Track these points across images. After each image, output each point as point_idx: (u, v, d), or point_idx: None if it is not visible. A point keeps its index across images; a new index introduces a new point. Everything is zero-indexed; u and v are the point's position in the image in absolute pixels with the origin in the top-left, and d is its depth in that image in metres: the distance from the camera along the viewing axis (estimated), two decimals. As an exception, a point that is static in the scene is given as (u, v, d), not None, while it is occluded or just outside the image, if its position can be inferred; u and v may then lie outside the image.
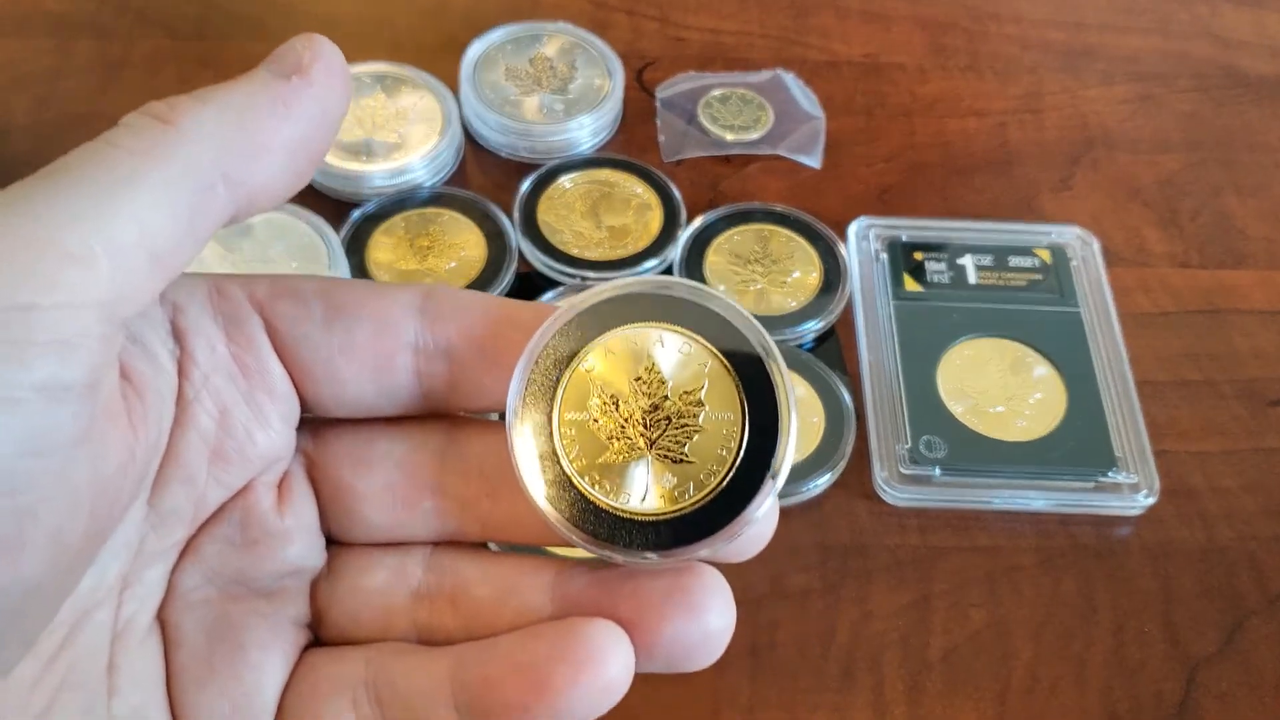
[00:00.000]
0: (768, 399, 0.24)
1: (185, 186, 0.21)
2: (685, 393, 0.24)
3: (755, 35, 0.61)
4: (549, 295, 0.47)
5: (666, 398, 0.24)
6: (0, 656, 0.20)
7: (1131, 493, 0.44)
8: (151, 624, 0.24)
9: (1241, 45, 0.62)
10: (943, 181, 0.55)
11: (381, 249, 0.49)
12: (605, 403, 0.24)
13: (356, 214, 0.50)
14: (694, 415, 0.24)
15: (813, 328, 0.48)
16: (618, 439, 0.24)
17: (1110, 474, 0.44)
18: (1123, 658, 0.40)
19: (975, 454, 0.44)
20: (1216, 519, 0.44)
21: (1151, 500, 0.43)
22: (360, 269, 0.48)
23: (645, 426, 0.24)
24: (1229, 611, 0.42)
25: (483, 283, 0.48)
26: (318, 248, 0.47)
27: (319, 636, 0.26)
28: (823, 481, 0.43)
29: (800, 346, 0.48)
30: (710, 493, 0.23)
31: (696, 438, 0.24)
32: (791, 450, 0.24)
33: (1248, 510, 0.44)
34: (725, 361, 0.24)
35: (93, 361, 0.20)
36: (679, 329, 0.24)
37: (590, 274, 0.49)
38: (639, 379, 0.24)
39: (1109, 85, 0.60)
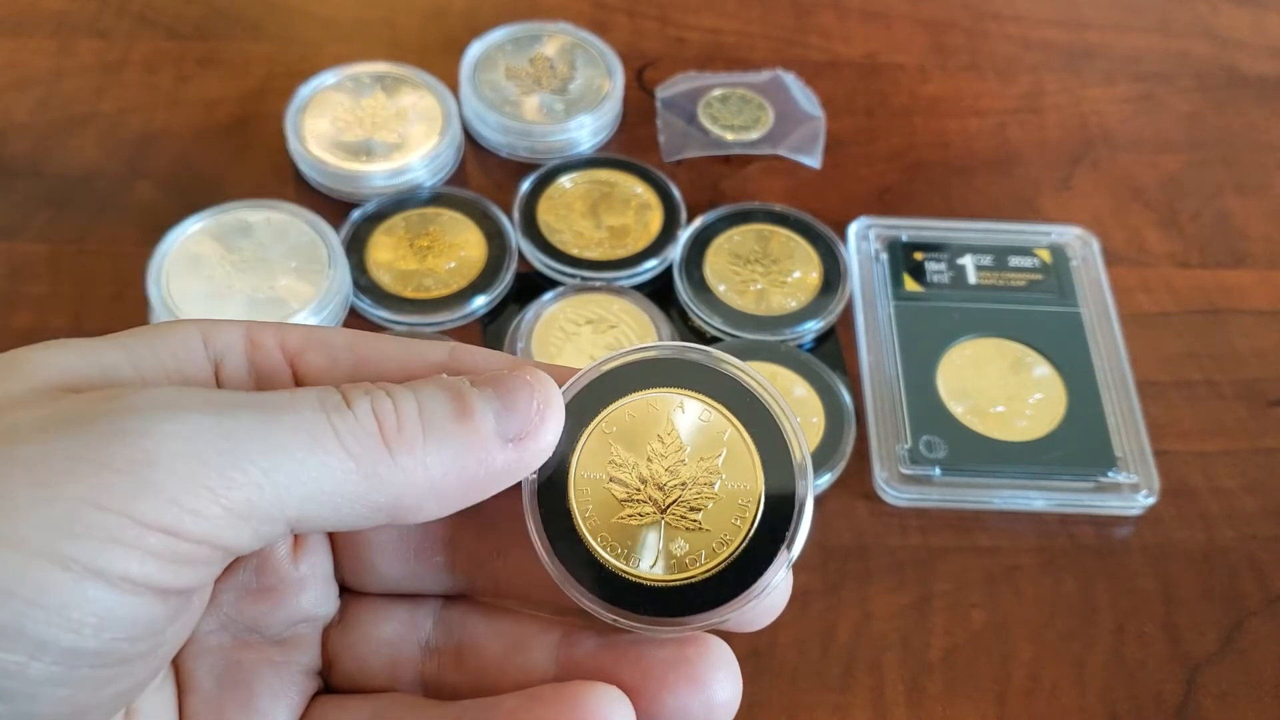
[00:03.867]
0: (785, 471, 0.24)
1: (361, 504, 0.21)
2: (702, 460, 0.24)
3: (755, 35, 0.61)
4: (548, 295, 0.47)
5: (684, 464, 0.24)
6: None
7: (1131, 493, 0.44)
8: (167, 671, 0.24)
9: (1242, 45, 0.62)
10: (943, 181, 0.55)
11: (381, 249, 0.49)
12: (622, 466, 0.24)
13: (356, 214, 0.50)
14: (710, 483, 0.24)
15: (813, 328, 0.48)
16: (632, 503, 0.24)
17: (1110, 474, 0.44)
18: (1123, 658, 0.40)
19: (975, 454, 0.44)
20: (1217, 519, 0.44)
21: (1151, 500, 0.43)
22: (360, 268, 0.48)
23: (660, 490, 0.24)
24: (1229, 612, 0.41)
25: (482, 283, 0.48)
26: (318, 248, 0.47)
27: (328, 683, 0.26)
28: (823, 482, 0.43)
29: (800, 346, 0.48)
30: (721, 562, 0.23)
31: (711, 506, 0.24)
32: (808, 524, 0.23)
33: (1248, 510, 0.44)
34: (744, 431, 0.24)
35: (202, 578, 0.21)
36: (700, 396, 0.24)
37: (590, 274, 0.49)
38: (657, 442, 0.24)
39: (1110, 85, 0.60)
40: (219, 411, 0.20)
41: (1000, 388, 0.46)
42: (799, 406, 0.45)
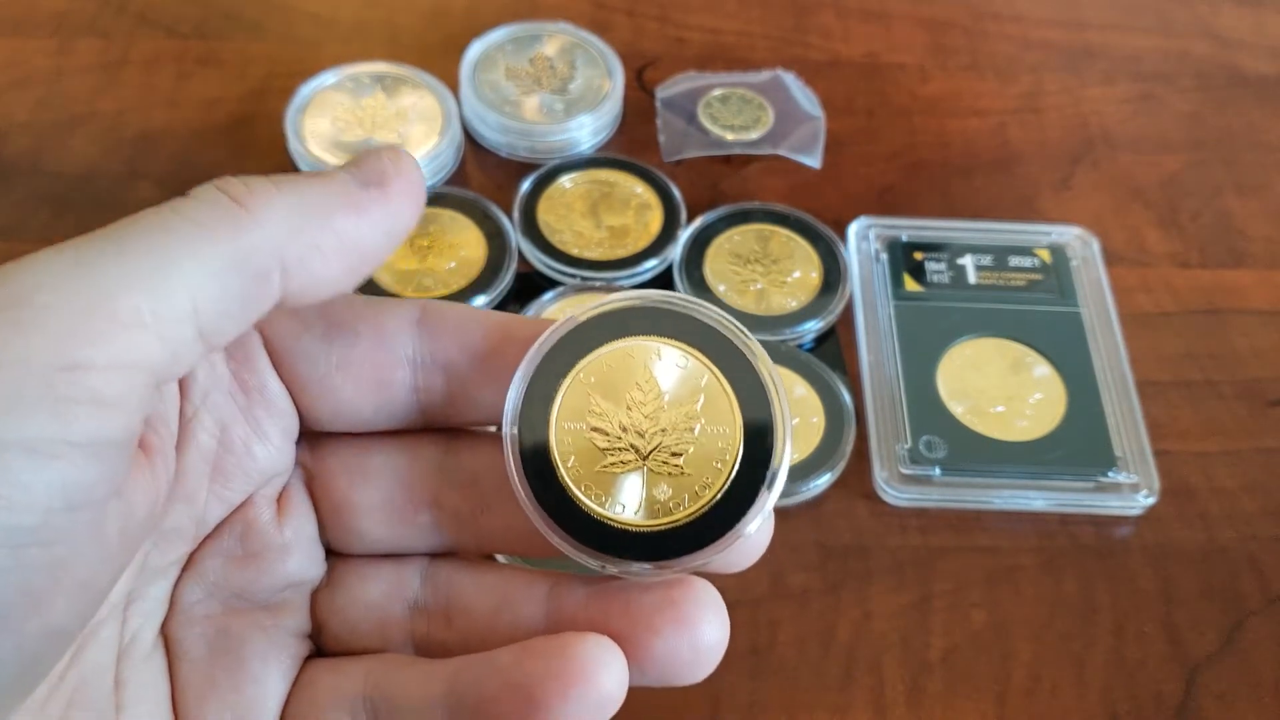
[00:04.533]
0: (763, 414, 0.24)
1: (243, 269, 0.21)
2: (681, 406, 0.24)
3: (755, 35, 0.61)
4: (548, 295, 0.47)
5: (663, 410, 0.24)
6: (17, 688, 0.20)
7: (1131, 493, 0.44)
8: (156, 639, 0.24)
9: (1242, 45, 0.62)
10: (943, 181, 0.55)
11: (381, 249, 0.49)
12: (602, 414, 0.24)
13: (356, 214, 0.50)
14: (690, 428, 0.24)
15: (813, 328, 0.48)
16: (613, 450, 0.24)
17: (1110, 474, 0.44)
18: (1123, 658, 0.40)
19: (975, 454, 0.44)
20: (1216, 519, 0.44)
21: (1151, 500, 0.43)
22: (360, 269, 0.48)
23: (641, 438, 0.24)
24: (1229, 612, 0.41)
25: (482, 283, 0.48)
26: (317, 247, 0.47)
27: (320, 647, 0.26)
28: (823, 481, 0.43)
29: (800, 346, 0.48)
30: (704, 505, 0.24)
31: (691, 450, 0.24)
32: (786, 464, 0.24)
33: (1248, 510, 0.44)
34: (722, 377, 0.24)
35: (131, 421, 0.20)
36: (677, 343, 0.25)
37: (590, 274, 0.49)
38: (636, 389, 0.24)
39: (1110, 85, 0.60)
40: (70, 246, 0.20)
41: (1000, 388, 0.46)
42: (799, 406, 0.45)
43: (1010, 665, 0.40)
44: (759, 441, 0.24)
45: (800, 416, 0.44)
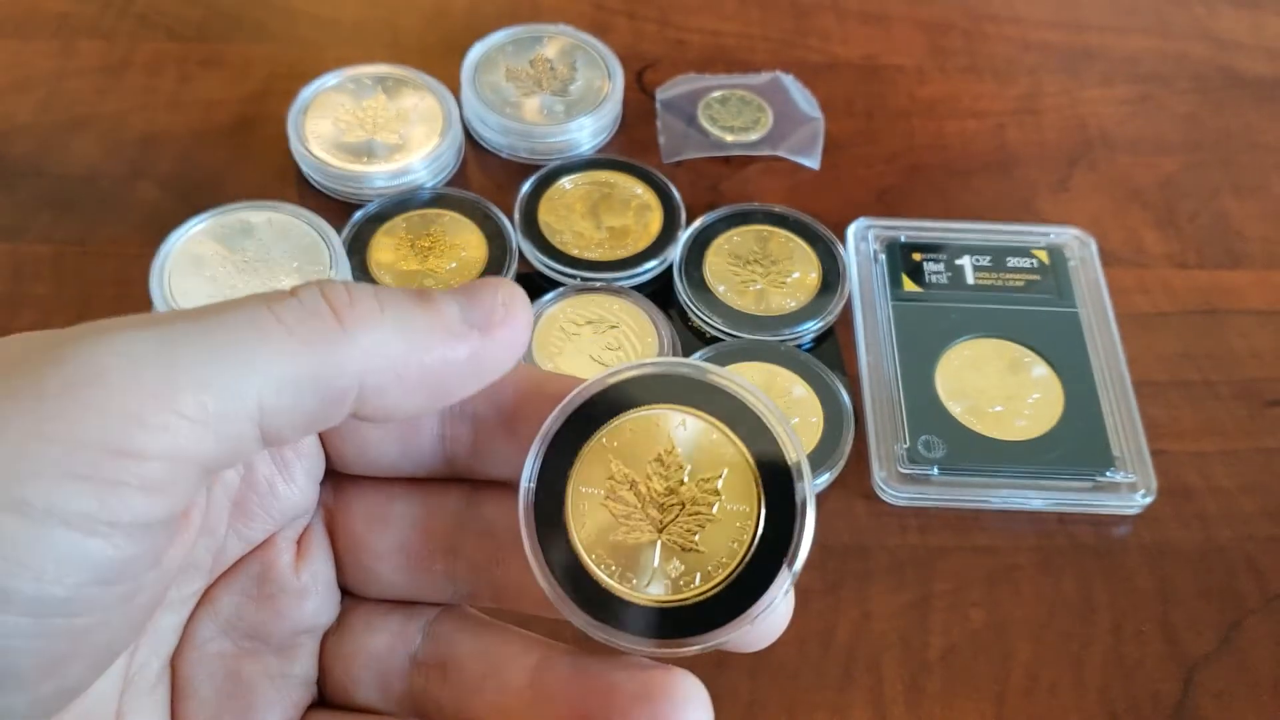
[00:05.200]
0: (786, 496, 0.23)
1: (321, 387, 0.20)
2: (702, 479, 0.24)
3: (755, 37, 0.61)
4: (549, 296, 0.48)
5: (683, 482, 0.24)
6: None
7: (1129, 492, 0.44)
8: (162, 672, 0.24)
9: (1240, 47, 0.62)
10: (941, 182, 0.55)
11: (383, 249, 0.49)
12: (620, 481, 0.24)
13: (358, 215, 0.50)
14: (708, 504, 0.23)
15: (812, 328, 0.48)
16: (629, 520, 0.23)
17: (1108, 474, 0.44)
18: (1121, 657, 0.40)
19: (974, 454, 0.44)
20: (1214, 519, 0.44)
21: (1149, 500, 0.44)
22: (362, 269, 0.48)
23: (658, 509, 0.24)
24: (1227, 611, 0.42)
25: (483, 283, 0.48)
26: (319, 248, 0.47)
27: (321, 692, 0.26)
28: (822, 481, 0.43)
29: (799, 346, 0.48)
30: (715, 586, 0.23)
31: (709, 527, 0.23)
32: (806, 551, 0.23)
33: (1245, 510, 0.44)
34: (746, 452, 0.24)
35: (176, 505, 0.20)
36: (704, 415, 0.24)
37: (590, 275, 0.49)
38: (657, 460, 0.24)
39: (1108, 86, 0.60)
40: (155, 325, 0.20)
41: (998, 388, 0.46)
42: (798, 406, 0.45)
43: (1009, 665, 0.40)
44: (779, 525, 0.23)
45: (799, 417, 0.45)
